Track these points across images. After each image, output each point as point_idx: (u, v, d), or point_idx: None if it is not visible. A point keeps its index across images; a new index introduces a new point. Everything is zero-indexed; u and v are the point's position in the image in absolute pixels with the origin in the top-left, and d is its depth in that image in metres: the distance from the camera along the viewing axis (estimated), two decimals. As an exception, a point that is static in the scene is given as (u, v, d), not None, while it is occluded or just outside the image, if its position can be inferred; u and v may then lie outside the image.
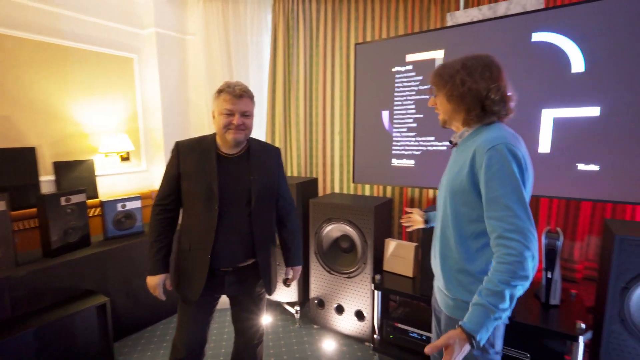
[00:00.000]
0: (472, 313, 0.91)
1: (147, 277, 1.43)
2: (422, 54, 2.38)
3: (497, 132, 1.03)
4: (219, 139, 1.40)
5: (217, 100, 1.36)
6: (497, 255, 0.93)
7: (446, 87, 1.08)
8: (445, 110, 1.14)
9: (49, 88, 2.51)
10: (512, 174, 0.94)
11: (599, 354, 1.61)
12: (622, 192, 1.85)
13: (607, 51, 1.81)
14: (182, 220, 1.45)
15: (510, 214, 0.92)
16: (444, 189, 1.16)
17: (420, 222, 1.53)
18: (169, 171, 1.40)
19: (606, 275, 1.62)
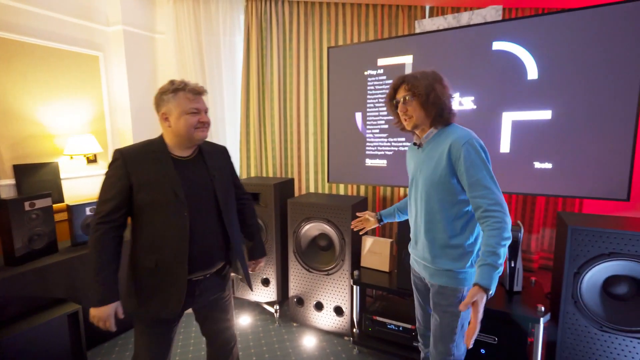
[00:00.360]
0: (482, 272, 1.12)
1: (94, 308, 1.23)
2: (392, 58, 2.50)
3: (463, 131, 1.28)
4: (174, 141, 1.31)
5: (175, 99, 1.26)
6: (486, 224, 1.16)
7: (428, 96, 1.25)
8: (418, 115, 1.30)
9: (6, 86, 2.35)
10: (484, 161, 1.20)
11: (557, 333, 1.79)
12: (571, 187, 2.07)
13: (556, 60, 2.01)
14: (137, 236, 1.29)
15: (489, 192, 1.17)
16: (421, 185, 1.34)
17: (372, 223, 1.73)
18: (114, 183, 1.23)
19: (561, 262, 1.81)
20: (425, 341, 1.58)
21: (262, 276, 2.70)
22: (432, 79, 1.27)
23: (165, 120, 1.29)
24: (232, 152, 3.18)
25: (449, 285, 1.30)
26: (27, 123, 2.46)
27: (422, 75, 1.28)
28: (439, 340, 1.34)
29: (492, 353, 1.89)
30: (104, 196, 1.25)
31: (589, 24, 1.91)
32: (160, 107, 1.29)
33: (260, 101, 3.15)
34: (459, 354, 1.34)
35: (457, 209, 1.28)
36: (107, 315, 1.24)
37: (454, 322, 1.31)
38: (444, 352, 1.34)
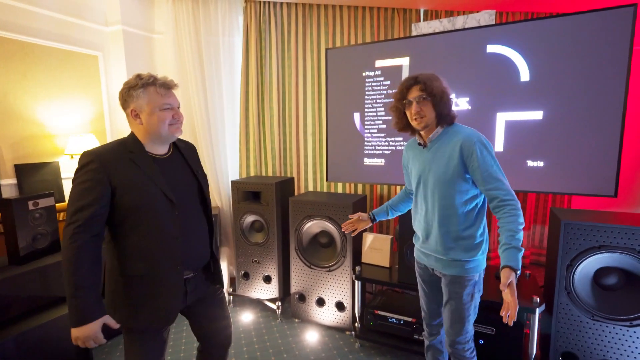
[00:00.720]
0: (509, 255, 1.22)
1: (77, 328, 1.09)
2: (390, 60, 2.57)
3: (469, 129, 1.39)
4: (148, 139, 1.23)
5: (146, 95, 1.18)
6: (503, 211, 1.27)
7: (442, 98, 1.34)
8: (430, 116, 1.38)
9: (7, 86, 2.34)
10: (493, 156, 1.34)
11: (551, 323, 1.88)
12: (562, 184, 2.17)
13: (547, 63, 2.10)
14: (121, 244, 1.19)
15: (501, 184, 1.30)
16: (432, 182, 1.42)
17: (365, 223, 1.79)
18: (92, 188, 1.11)
19: (554, 256, 1.90)
20: (430, 330, 1.67)
21: (263, 273, 2.74)
22: (441, 81, 1.37)
23: (135, 117, 1.21)
24: (231, 152, 3.25)
25: (462, 274, 1.42)
26: (28, 123, 2.45)
27: (433, 77, 1.36)
28: (457, 322, 1.47)
29: (490, 343, 1.97)
30: (79, 203, 1.11)
31: (579, 28, 2.01)
32: (128, 103, 1.20)
33: (259, 101, 3.19)
34: (471, 328, 1.51)
35: (469, 202, 1.38)
36: (93, 334, 1.11)
37: (469, 305, 1.44)
38: (460, 330, 1.47)
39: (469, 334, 1.49)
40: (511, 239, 1.24)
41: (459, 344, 1.49)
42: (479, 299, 1.47)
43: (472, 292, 1.43)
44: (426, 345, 1.73)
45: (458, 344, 1.49)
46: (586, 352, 1.83)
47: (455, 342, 1.49)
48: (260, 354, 2.27)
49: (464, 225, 1.39)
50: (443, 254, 1.44)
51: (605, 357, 1.79)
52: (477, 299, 1.46)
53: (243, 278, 2.82)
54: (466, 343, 1.49)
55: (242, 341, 2.40)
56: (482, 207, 1.44)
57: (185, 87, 3.09)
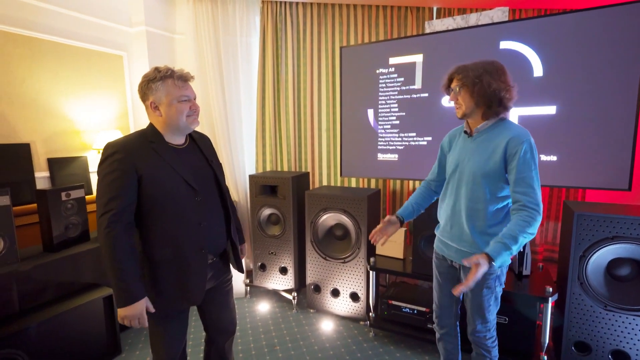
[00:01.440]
0: (495, 246, 1.24)
1: (124, 308, 1.17)
2: (403, 57, 2.63)
3: (521, 129, 1.33)
4: (167, 130, 1.28)
5: (164, 87, 1.22)
6: (518, 215, 1.26)
7: (475, 87, 1.30)
8: (468, 105, 1.36)
9: (41, 84, 2.48)
10: (535, 162, 1.28)
11: (564, 313, 1.91)
12: (576, 179, 2.19)
13: (561, 58, 2.13)
14: (148, 230, 1.25)
15: (532, 191, 1.26)
16: (468, 172, 1.40)
17: (395, 227, 1.64)
18: (120, 178, 1.16)
19: (567, 247, 1.93)
20: (441, 322, 1.68)
21: (279, 265, 2.83)
22: (483, 70, 1.30)
23: (155, 109, 1.25)
24: (248, 147, 3.35)
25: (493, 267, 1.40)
26: (59, 119, 2.59)
27: (473, 66, 1.33)
28: (477, 312, 1.48)
29: (502, 332, 2.01)
30: (110, 193, 1.15)
31: (592, 24, 2.03)
32: (147, 95, 1.24)
33: (275, 99, 3.28)
34: (492, 319, 1.50)
35: (500, 200, 1.36)
36: (139, 313, 1.19)
37: (489, 297, 1.45)
38: (481, 320, 1.49)
39: (489, 324, 1.49)
40: (507, 237, 1.22)
41: (480, 332, 1.50)
42: (501, 291, 1.47)
43: (492, 285, 1.42)
44: (437, 338, 1.74)
45: (479, 332, 1.50)
46: (599, 342, 1.85)
47: (476, 331, 1.50)
48: (278, 341, 2.35)
49: (491, 221, 1.37)
50: (467, 246, 1.42)
51: (618, 346, 1.81)
52: (498, 291, 1.45)
53: (260, 269, 2.91)
54: (487, 332, 1.50)
55: (260, 329, 2.49)
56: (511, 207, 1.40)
57: (204, 85, 3.20)
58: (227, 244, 1.47)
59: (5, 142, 2.32)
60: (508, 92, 1.30)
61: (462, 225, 1.43)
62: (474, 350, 1.57)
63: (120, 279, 1.16)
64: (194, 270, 1.29)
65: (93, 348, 2.08)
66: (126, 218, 1.18)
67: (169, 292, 1.28)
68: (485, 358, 1.53)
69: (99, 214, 1.17)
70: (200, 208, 1.30)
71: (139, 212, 1.24)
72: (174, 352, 1.39)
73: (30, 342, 1.78)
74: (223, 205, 1.44)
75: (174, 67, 1.27)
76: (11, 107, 2.35)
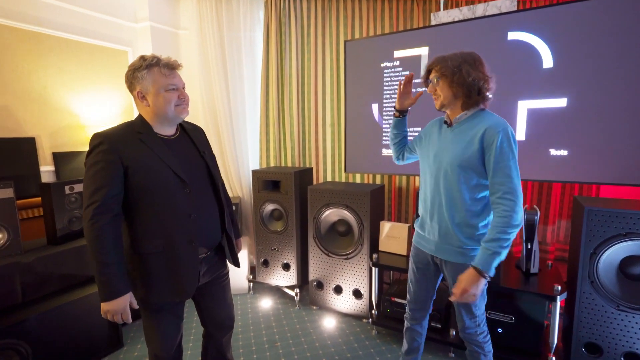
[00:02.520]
0: (482, 255, 1.26)
1: (105, 303, 1.14)
2: (408, 50, 2.57)
3: (499, 118, 1.33)
4: (155, 120, 1.25)
5: (150, 76, 1.19)
6: (497, 211, 1.27)
7: (454, 77, 1.30)
8: (446, 95, 1.36)
9: (46, 79, 2.52)
10: (514, 151, 1.28)
11: (574, 313, 1.84)
12: (587, 174, 2.11)
13: (572, 48, 2.05)
14: (136, 222, 1.23)
15: (509, 181, 1.25)
16: (446, 162, 1.38)
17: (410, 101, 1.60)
18: (105, 168, 1.13)
19: (577, 244, 1.86)
20: (414, 315, 1.66)
21: (282, 261, 2.80)
22: (462, 60, 1.31)
23: (142, 99, 1.21)
24: (252, 143, 3.34)
25: (464, 262, 1.38)
26: (64, 114, 2.62)
27: (452, 57, 1.33)
28: (464, 308, 1.45)
29: (509, 332, 1.95)
30: (94, 184, 1.13)
31: (605, 12, 1.94)
32: (134, 85, 1.21)
33: (279, 94, 3.25)
34: (481, 313, 1.48)
35: (478, 191, 1.35)
36: (122, 308, 1.17)
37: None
38: (469, 316, 1.47)
39: (478, 319, 1.46)
40: (489, 240, 1.25)
41: (470, 328, 1.48)
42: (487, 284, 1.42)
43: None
44: (406, 327, 1.72)
45: (469, 329, 1.48)
46: (611, 343, 1.78)
47: (466, 327, 1.49)
48: (279, 337, 2.33)
49: (469, 213, 1.36)
50: (445, 240, 1.41)
51: (632, 348, 1.73)
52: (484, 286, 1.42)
53: (263, 265, 2.90)
54: (477, 327, 1.48)
55: (262, 325, 2.48)
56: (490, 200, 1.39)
57: (208, 80, 3.20)
58: (222, 238, 1.44)
59: (11, 136, 2.36)
60: (486, 82, 1.31)
61: (442, 217, 1.41)
62: (467, 347, 1.55)
63: (103, 273, 1.13)
64: (184, 263, 1.26)
65: (95, 341, 2.09)
66: (112, 210, 1.15)
67: (160, 286, 1.25)
68: (479, 354, 1.50)
69: (84, 205, 1.14)
70: (190, 200, 1.27)
71: (127, 204, 1.22)
72: (168, 346, 1.37)
73: (32, 332, 1.80)
74: (217, 198, 1.40)
75: (160, 55, 1.23)
76: (17, 101, 2.39)
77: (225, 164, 3.33)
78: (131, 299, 1.20)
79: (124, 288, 1.17)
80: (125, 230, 1.26)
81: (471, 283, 1.26)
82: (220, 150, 3.31)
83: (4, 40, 2.31)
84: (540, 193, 2.94)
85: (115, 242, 1.16)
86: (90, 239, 1.13)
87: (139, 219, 1.23)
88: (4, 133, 2.33)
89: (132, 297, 1.21)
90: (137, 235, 1.23)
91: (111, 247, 1.14)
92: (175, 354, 1.42)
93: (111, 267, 1.14)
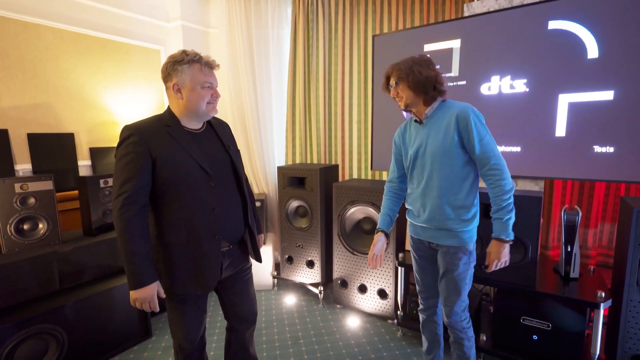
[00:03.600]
0: (497, 226, 1.42)
1: (135, 290, 1.18)
2: (439, 43, 2.48)
3: (462, 103, 1.47)
4: (185, 114, 1.27)
5: (190, 71, 1.22)
6: (490, 182, 1.42)
7: (408, 78, 1.44)
8: (408, 95, 1.48)
9: (85, 78, 2.64)
10: (485, 126, 1.43)
11: (619, 323, 1.69)
12: (636, 172, 1.94)
13: (619, 37, 1.89)
14: (162, 214, 1.25)
15: (492, 153, 1.40)
16: (430, 155, 1.49)
17: (384, 244, 1.67)
18: (134, 160, 1.16)
19: (624, 247, 1.71)
20: (427, 303, 1.72)
21: (307, 258, 2.79)
22: (412, 62, 1.46)
23: (177, 92, 1.24)
24: (278, 139, 3.35)
25: (458, 245, 1.49)
26: (100, 110, 2.74)
27: (403, 62, 1.48)
28: (454, 292, 1.54)
29: (545, 340, 1.83)
30: (124, 175, 1.16)
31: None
32: (171, 77, 1.22)
33: (305, 90, 3.24)
34: (466, 298, 1.58)
35: (465, 172, 1.46)
36: (150, 296, 1.20)
37: (465, 274, 1.52)
38: (457, 300, 1.55)
39: (464, 303, 1.56)
40: (498, 210, 1.41)
41: (456, 314, 1.56)
42: (473, 268, 1.55)
43: (467, 261, 1.51)
44: (422, 321, 1.77)
45: (455, 314, 1.56)
46: (662, 358, 1.62)
47: (453, 312, 1.55)
48: (302, 334, 2.32)
49: (462, 194, 1.46)
50: (441, 224, 1.49)
51: (687, 364, 1.58)
52: (471, 268, 1.54)
53: (287, 262, 2.90)
54: (462, 312, 1.57)
55: (285, 321, 2.47)
56: (476, 178, 1.51)
57: (236, 78, 3.24)
58: (245, 232, 1.44)
59: (52, 132, 2.49)
60: (438, 78, 1.46)
61: (436, 204, 1.49)
62: (450, 336, 1.62)
63: (131, 262, 1.16)
64: (207, 256, 1.27)
65: (125, 330, 2.16)
66: (140, 200, 1.18)
67: (183, 277, 1.27)
68: (462, 340, 1.58)
69: (114, 196, 1.17)
70: (215, 193, 1.28)
71: (153, 196, 1.24)
72: (192, 337, 1.39)
73: (67, 319, 1.88)
74: (240, 192, 1.41)
75: (201, 53, 1.26)
76: (58, 98, 2.52)
77: (252, 160, 3.36)
78: (158, 288, 1.23)
79: (152, 277, 1.20)
80: (152, 221, 1.28)
81: (499, 252, 1.42)
82: (247, 147, 3.34)
83: (46, 41, 2.44)
84: (581, 194, 2.75)
85: (143, 232, 1.18)
86: (120, 228, 1.16)
87: (164, 211, 1.25)
88: (46, 129, 2.47)
89: (160, 287, 1.24)
90: (162, 227, 1.25)
91: (139, 237, 1.16)
92: (198, 345, 1.43)
93: (139, 256, 1.16)
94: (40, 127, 2.45)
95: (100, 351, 2.04)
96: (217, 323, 2.44)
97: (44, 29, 2.43)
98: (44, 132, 2.45)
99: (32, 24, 2.37)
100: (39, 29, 2.40)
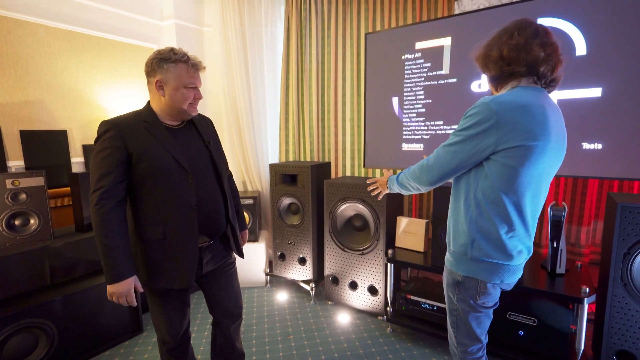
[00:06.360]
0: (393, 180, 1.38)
1: (112, 285, 1.17)
2: (430, 41, 2.49)
3: None
4: (165, 111, 1.27)
5: (176, 70, 1.22)
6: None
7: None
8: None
9: (78, 75, 2.66)
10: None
11: (604, 318, 1.70)
12: (625, 169, 1.94)
13: (607, 34, 1.90)
14: (139, 208, 1.25)
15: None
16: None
17: (384, 186, 1.50)
18: (111, 155, 1.17)
19: (609, 243, 1.72)
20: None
21: (298, 255, 2.81)
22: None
23: (159, 88, 1.23)
24: (272, 137, 3.36)
25: (449, 267, 1.22)
26: (94, 108, 2.76)
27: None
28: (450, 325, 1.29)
29: (530, 335, 1.84)
30: (101, 170, 1.17)
31: (646, -9, 1.79)
32: (155, 73, 1.22)
33: (299, 88, 3.26)
34: (465, 342, 1.25)
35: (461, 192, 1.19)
36: (127, 291, 1.19)
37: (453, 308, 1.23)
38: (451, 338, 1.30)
39: (463, 347, 1.22)
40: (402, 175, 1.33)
41: (454, 355, 1.29)
42: (473, 311, 1.17)
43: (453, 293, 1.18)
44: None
45: (454, 355, 1.29)
46: (646, 352, 1.63)
47: (451, 351, 1.30)
48: (293, 330, 2.33)
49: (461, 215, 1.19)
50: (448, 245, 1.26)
51: (670, 359, 1.59)
52: (463, 308, 1.18)
53: (279, 259, 2.91)
54: (455, 356, 1.27)
55: (276, 318, 2.49)
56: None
57: (230, 76, 3.26)
58: (227, 228, 1.45)
59: (45, 129, 2.51)
60: None
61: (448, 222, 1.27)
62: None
63: (108, 256, 1.16)
64: (184, 251, 1.27)
65: (116, 325, 2.18)
66: (117, 195, 1.19)
67: (160, 272, 1.27)
68: None
69: (91, 190, 1.18)
70: (193, 189, 1.28)
71: (131, 190, 1.25)
72: (174, 330, 1.40)
73: (58, 313, 1.90)
74: (220, 188, 1.41)
75: (188, 52, 1.26)
76: (51, 96, 2.54)
77: (246, 158, 3.37)
78: (136, 282, 1.23)
79: (129, 271, 1.19)
80: (129, 216, 1.28)
81: (384, 184, 1.47)
82: (241, 145, 3.36)
83: (40, 38, 2.46)
84: (574, 192, 2.76)
85: (120, 226, 1.19)
86: (96, 223, 1.16)
87: (141, 206, 1.25)
88: (39, 125, 2.49)
89: (137, 281, 1.24)
90: (140, 222, 1.26)
91: (116, 231, 1.17)
92: (182, 339, 1.44)
93: (116, 250, 1.16)
94: (33, 124, 2.47)
95: (91, 346, 2.06)
96: (209, 318, 2.45)
97: (37, 27, 2.44)
98: (37, 129, 2.47)
99: (24, 21, 2.39)
100: (31, 27, 2.42)
